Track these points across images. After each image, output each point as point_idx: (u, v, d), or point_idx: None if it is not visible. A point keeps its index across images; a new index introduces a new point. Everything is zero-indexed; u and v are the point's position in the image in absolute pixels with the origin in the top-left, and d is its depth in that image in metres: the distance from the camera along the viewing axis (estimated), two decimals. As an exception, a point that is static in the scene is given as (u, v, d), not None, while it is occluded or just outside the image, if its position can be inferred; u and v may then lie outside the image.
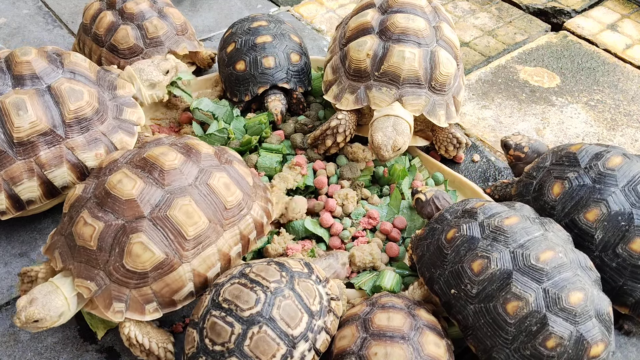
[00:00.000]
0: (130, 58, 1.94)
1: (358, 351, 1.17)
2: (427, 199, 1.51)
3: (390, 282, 1.44)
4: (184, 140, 1.43)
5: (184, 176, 1.32)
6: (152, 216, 1.26)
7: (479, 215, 1.32)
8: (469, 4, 2.72)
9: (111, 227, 1.25)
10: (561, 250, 1.22)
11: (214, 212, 1.32)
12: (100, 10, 1.99)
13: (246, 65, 1.89)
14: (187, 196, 1.29)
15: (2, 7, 2.59)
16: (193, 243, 1.29)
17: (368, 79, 1.71)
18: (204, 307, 1.20)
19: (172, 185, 1.30)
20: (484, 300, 1.22)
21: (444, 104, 1.72)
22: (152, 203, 1.27)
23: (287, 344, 1.14)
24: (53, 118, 1.52)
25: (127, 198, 1.26)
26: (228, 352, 1.12)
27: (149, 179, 1.30)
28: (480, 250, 1.25)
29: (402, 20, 1.71)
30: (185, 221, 1.27)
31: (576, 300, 1.16)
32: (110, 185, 1.28)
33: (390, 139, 1.61)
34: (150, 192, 1.28)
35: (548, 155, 1.54)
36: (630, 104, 2.15)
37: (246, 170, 1.47)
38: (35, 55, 1.56)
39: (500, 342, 1.20)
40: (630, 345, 1.46)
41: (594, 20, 2.59)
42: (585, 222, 1.38)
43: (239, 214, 1.38)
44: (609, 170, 1.39)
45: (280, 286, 1.19)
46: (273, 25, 1.97)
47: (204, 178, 1.34)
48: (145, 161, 1.33)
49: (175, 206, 1.27)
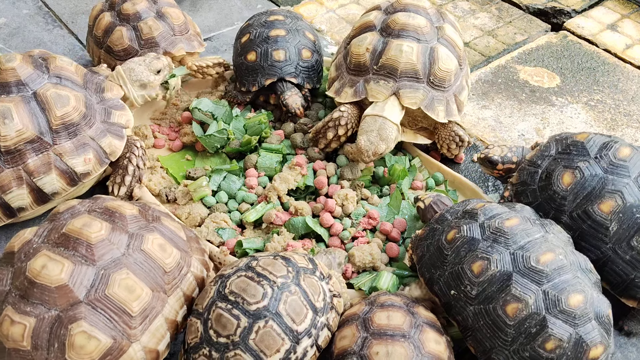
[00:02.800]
0: (125, 59, 1.89)
1: (359, 351, 1.17)
2: (426, 206, 1.51)
3: (387, 283, 1.44)
4: (102, 204, 1.29)
5: (114, 246, 1.19)
6: (89, 299, 1.13)
7: (479, 216, 1.32)
8: (469, 4, 2.72)
9: (44, 320, 1.11)
10: (561, 252, 1.22)
11: (154, 279, 1.21)
12: (102, 11, 1.99)
13: (257, 56, 1.90)
14: (124, 268, 1.17)
15: (2, 7, 2.59)
16: (140, 319, 1.17)
17: (367, 73, 1.73)
18: (209, 298, 1.20)
19: (103, 260, 1.17)
20: (483, 302, 1.21)
21: (443, 100, 1.72)
22: (86, 285, 1.13)
23: (291, 340, 1.15)
24: (40, 125, 1.51)
25: (57, 285, 1.12)
26: (233, 344, 1.13)
27: (76, 257, 1.15)
28: (480, 251, 1.24)
29: (403, 17, 1.73)
30: (128, 297, 1.16)
31: (576, 302, 1.16)
32: (34, 273, 1.13)
33: (373, 145, 1.64)
34: (81, 273, 1.14)
35: (551, 143, 1.51)
36: (630, 104, 2.15)
37: (177, 225, 1.38)
38: (20, 62, 1.54)
39: (499, 344, 1.20)
40: (630, 346, 1.46)
41: (594, 20, 2.59)
42: (599, 214, 1.35)
43: (180, 275, 1.27)
44: (620, 160, 1.37)
45: (286, 281, 1.19)
46: (289, 21, 1.98)
47: (136, 244, 1.22)
48: (67, 237, 1.18)
49: (114, 283, 1.15)
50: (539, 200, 1.44)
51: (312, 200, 1.71)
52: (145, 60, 1.76)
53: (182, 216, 1.62)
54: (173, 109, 1.97)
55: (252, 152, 1.81)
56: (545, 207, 1.42)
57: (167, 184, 1.74)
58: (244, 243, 1.54)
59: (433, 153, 1.88)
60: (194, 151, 1.85)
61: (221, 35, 2.49)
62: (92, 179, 1.60)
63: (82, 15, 2.55)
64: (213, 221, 1.60)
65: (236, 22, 2.56)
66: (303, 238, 1.59)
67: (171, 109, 1.98)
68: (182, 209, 1.64)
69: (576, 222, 1.39)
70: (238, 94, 1.97)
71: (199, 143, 1.80)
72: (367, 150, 1.64)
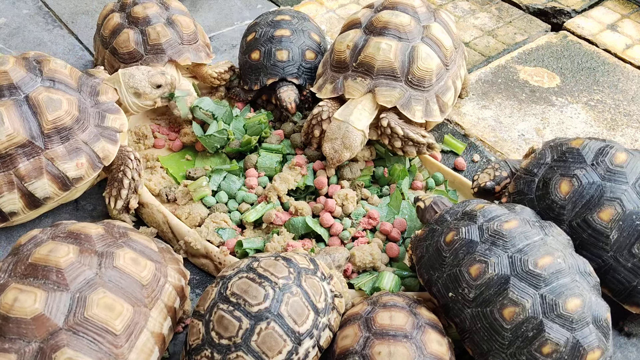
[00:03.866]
0: (129, 63, 1.88)
1: (361, 350, 1.17)
2: (426, 206, 1.51)
3: (390, 283, 1.44)
4: (65, 229, 1.26)
5: (85, 268, 1.16)
6: (69, 325, 1.09)
7: (478, 218, 1.31)
8: (469, 4, 2.72)
9: (26, 355, 1.07)
10: (560, 256, 1.22)
11: (133, 294, 1.18)
12: (112, 12, 1.97)
13: (260, 55, 1.91)
14: (99, 288, 1.14)
15: (2, 7, 2.59)
16: (125, 336, 1.14)
17: (347, 70, 1.74)
18: (210, 300, 1.20)
19: (76, 283, 1.13)
20: (481, 305, 1.21)
21: (422, 99, 1.71)
22: (62, 311, 1.10)
23: (293, 341, 1.15)
24: (31, 129, 1.49)
25: (33, 315, 1.08)
26: (235, 346, 1.13)
27: (47, 285, 1.12)
28: (478, 254, 1.24)
29: (386, 15, 1.74)
30: (109, 315, 1.13)
31: (573, 306, 1.16)
32: (6, 308, 1.08)
33: (337, 154, 1.64)
34: (56, 300, 1.10)
35: (546, 150, 1.50)
36: (630, 104, 2.15)
37: (145, 237, 1.36)
38: (13, 65, 1.52)
39: (496, 347, 1.20)
40: (630, 346, 1.46)
41: (594, 20, 2.59)
42: (599, 222, 1.34)
43: (158, 286, 1.25)
44: (617, 167, 1.36)
45: (288, 282, 1.19)
46: (296, 21, 1.99)
47: (108, 262, 1.19)
48: (34, 266, 1.14)
49: (91, 304, 1.12)
50: (537, 210, 1.43)
51: (312, 200, 1.71)
52: (149, 72, 1.72)
53: (182, 216, 1.62)
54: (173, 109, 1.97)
55: (252, 152, 1.81)
56: (543, 216, 1.42)
57: (167, 184, 1.74)
58: (244, 243, 1.54)
59: (433, 153, 1.88)
60: (194, 151, 1.85)
61: (221, 35, 2.49)
62: (85, 183, 1.59)
63: (82, 15, 2.55)
64: (213, 221, 1.60)
65: (236, 22, 2.56)
66: (303, 238, 1.59)
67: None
68: (182, 209, 1.64)
69: (576, 231, 1.38)
70: (241, 91, 1.98)
71: (199, 143, 1.80)
72: (331, 159, 1.65)
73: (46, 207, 1.58)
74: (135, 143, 1.84)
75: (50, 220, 1.69)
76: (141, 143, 1.84)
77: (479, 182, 1.58)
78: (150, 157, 1.80)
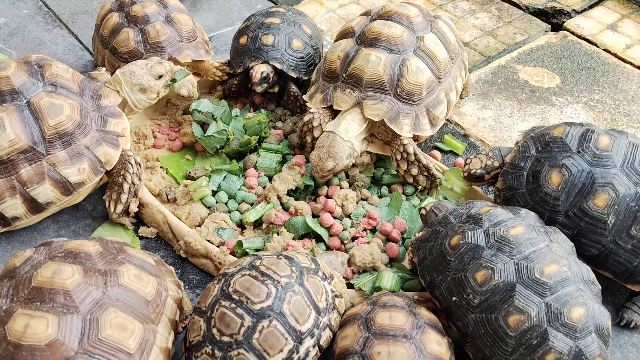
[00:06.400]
0: (129, 62, 1.84)
1: (361, 350, 1.17)
2: (427, 212, 1.51)
3: (390, 282, 1.44)
4: (61, 247, 1.22)
5: (92, 288, 1.13)
6: (84, 348, 1.07)
7: (484, 222, 1.30)
8: (469, 4, 2.72)
9: None
10: (565, 264, 1.22)
11: (140, 311, 1.17)
12: (110, 11, 1.97)
13: (247, 40, 1.93)
14: (110, 307, 1.12)
15: (2, 7, 2.59)
16: (138, 355, 1.12)
17: (337, 80, 1.73)
18: (212, 297, 1.20)
19: (85, 304, 1.10)
20: (485, 311, 1.21)
21: (411, 113, 1.67)
22: (76, 334, 1.07)
23: (294, 340, 1.15)
24: (33, 135, 1.49)
25: (47, 341, 1.04)
26: (236, 343, 1.13)
27: (56, 308, 1.08)
28: (484, 260, 1.24)
29: (379, 26, 1.71)
30: (122, 335, 1.11)
31: (577, 316, 1.16)
32: (17, 336, 1.04)
33: (321, 162, 1.62)
34: (68, 323, 1.07)
35: (528, 141, 1.49)
36: (630, 104, 2.15)
37: (143, 252, 1.35)
38: (14, 70, 1.52)
39: (499, 353, 1.20)
40: (630, 346, 1.46)
41: (594, 20, 2.59)
42: (595, 209, 1.35)
43: (161, 301, 1.24)
44: (603, 151, 1.37)
45: (290, 281, 1.20)
46: (290, 14, 2.01)
47: (112, 280, 1.17)
48: (39, 290, 1.10)
49: (104, 325, 1.10)
50: (530, 204, 1.43)
51: (312, 200, 1.71)
52: (147, 65, 1.72)
53: (182, 216, 1.62)
54: (173, 109, 1.97)
55: (252, 152, 1.81)
56: (538, 209, 1.42)
57: (167, 184, 1.74)
58: (244, 243, 1.54)
59: (432, 153, 1.88)
60: (194, 151, 1.85)
61: (221, 35, 2.49)
62: (87, 188, 1.59)
63: (82, 15, 2.55)
64: (213, 221, 1.60)
65: (236, 22, 2.56)
66: (303, 238, 1.59)
67: (171, 108, 1.97)
68: (182, 209, 1.64)
69: (573, 220, 1.39)
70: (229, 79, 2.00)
71: (199, 143, 1.80)
72: (315, 166, 1.64)
73: (48, 212, 1.58)
74: (135, 143, 1.84)
75: (51, 220, 1.69)
76: (141, 143, 1.84)
77: (470, 169, 1.61)
78: (150, 157, 1.80)
